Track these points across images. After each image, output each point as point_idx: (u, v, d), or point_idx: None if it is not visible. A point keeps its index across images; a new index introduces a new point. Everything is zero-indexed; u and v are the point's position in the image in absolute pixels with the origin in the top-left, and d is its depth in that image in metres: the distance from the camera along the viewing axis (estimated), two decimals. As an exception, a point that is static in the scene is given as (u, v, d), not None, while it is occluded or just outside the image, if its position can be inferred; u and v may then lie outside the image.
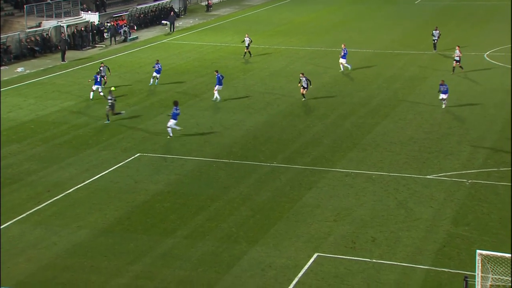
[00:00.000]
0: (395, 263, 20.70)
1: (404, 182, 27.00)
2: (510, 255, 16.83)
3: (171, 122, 32.44)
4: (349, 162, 29.28)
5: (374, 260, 20.83)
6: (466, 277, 16.36)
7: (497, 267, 17.34)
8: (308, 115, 36.45)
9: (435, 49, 50.51)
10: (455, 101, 38.39)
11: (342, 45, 45.78)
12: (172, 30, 61.71)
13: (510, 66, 45.73)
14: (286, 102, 38.93)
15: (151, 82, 42.22)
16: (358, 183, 26.98)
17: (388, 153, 30.44)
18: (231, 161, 29.66)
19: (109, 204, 25.25)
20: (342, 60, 45.01)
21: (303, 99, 38.44)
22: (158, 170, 28.58)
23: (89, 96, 39.22)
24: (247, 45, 49.53)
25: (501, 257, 16.80)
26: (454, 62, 43.73)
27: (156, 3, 68.11)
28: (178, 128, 32.60)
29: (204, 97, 40.20)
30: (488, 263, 17.00)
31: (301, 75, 38.46)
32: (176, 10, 68.25)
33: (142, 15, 64.65)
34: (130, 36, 58.23)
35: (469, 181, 26.78)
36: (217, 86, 38.53)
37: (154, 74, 42.30)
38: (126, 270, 20.49)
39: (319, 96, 39.69)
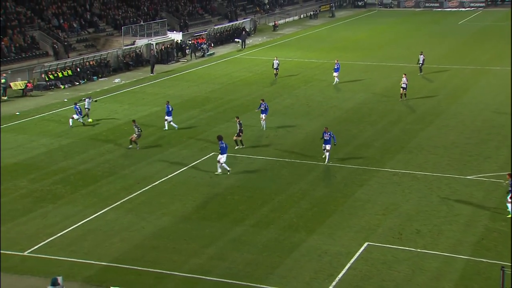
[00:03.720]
0: (438, 252, 20.15)
1: (446, 181, 26.26)
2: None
3: (221, 158, 27.46)
4: (396, 163, 28.71)
5: (419, 250, 20.35)
6: (503, 267, 15.78)
7: (531, 259, 16.66)
8: (360, 121, 35.95)
9: (420, 71, 46.09)
10: (493, 110, 37.10)
11: (336, 60, 45.06)
12: (243, 46, 62.12)
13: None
14: (341, 110, 38.54)
15: (166, 127, 34.37)
16: (404, 182, 26.42)
17: (432, 155, 29.67)
18: (292, 160, 29.59)
19: (188, 195, 25.60)
20: (335, 74, 44.26)
21: (237, 146, 30.51)
22: (230, 167, 28.78)
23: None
24: (276, 67, 46.12)
25: (535, 250, 16.11)
26: (401, 89, 39.12)
27: (230, 23, 68.76)
28: (226, 168, 27.49)
29: (270, 104, 40.10)
30: (523, 256, 16.35)
31: (236, 119, 31.28)
32: (247, 30, 68.67)
33: (218, 34, 65.38)
34: (208, 52, 58.97)
35: (506, 181, 25.74)
36: (263, 115, 33.65)
37: (166, 117, 34.16)
38: (202, 252, 20.73)
39: (371, 104, 39.09)
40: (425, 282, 18.37)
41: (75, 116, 35.38)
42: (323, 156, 28.82)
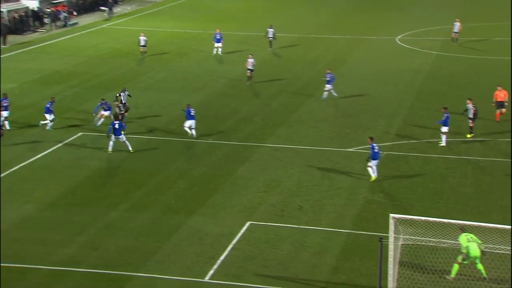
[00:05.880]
0: (320, 228, 21.15)
1: (327, 155, 27.51)
2: (418, 217, 17.44)
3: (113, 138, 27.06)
4: (278, 138, 29.57)
5: (301, 226, 21.22)
6: (381, 238, 16.88)
7: (407, 228, 17.98)
8: (240, 95, 36.46)
9: (270, 47, 46.15)
10: (370, 80, 39.25)
11: (217, 30, 45.33)
12: (110, 15, 60.20)
13: (418, 49, 47.01)
14: (220, 83, 38.83)
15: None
16: (286, 157, 27.31)
17: (313, 129, 30.89)
18: (168, 138, 29.43)
19: (53, 180, 24.70)
20: (218, 44, 44.69)
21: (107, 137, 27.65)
22: (101, 147, 28.07)
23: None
24: (143, 44, 43.90)
25: (410, 219, 17.40)
26: (248, 71, 37.56)
27: (95, -11, 66.19)
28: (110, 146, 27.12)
29: (142, 79, 39.63)
30: (400, 225, 17.58)
31: (115, 103, 30.23)
32: (114, -4, 66.50)
33: (81, 1, 62.70)
34: (69, 22, 56.45)
35: (384, 152, 27.48)
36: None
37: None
38: (71, 241, 20.16)
39: (250, 77, 39.69)
40: (308, 259, 19.24)
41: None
42: (189, 135, 28.94)
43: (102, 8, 62.06)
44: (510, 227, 16.79)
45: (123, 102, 31.59)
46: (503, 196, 23.31)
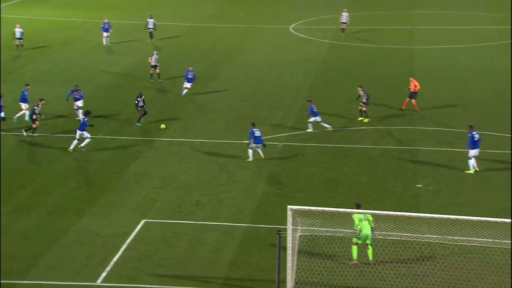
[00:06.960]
0: (218, 223, 21.28)
1: (224, 147, 27.69)
2: (316, 208, 17.98)
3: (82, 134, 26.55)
4: (173, 132, 29.40)
5: (199, 222, 21.25)
6: (279, 231, 17.25)
7: (305, 219, 18.47)
8: (130, 87, 35.80)
9: (151, 38, 45.61)
10: (266, 71, 39.89)
11: (106, 19, 44.79)
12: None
13: (312, 38, 48.26)
14: (109, 75, 37.98)
15: None
16: (182, 151, 27.22)
17: (209, 121, 30.99)
18: (53, 135, 28.45)
19: None
20: (106, 33, 44.22)
21: (27, 133, 27.92)
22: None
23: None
24: (19, 36, 42.28)
25: (308, 210, 17.89)
26: (153, 68, 36.79)
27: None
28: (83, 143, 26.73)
29: (22, 71, 38.04)
30: (298, 217, 18.03)
31: (40, 101, 28.67)
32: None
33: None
34: None
35: (281, 143, 28.09)
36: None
37: None
38: None
39: (139, 70, 39.07)
40: (206, 255, 19.31)
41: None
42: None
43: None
44: (400, 213, 17.71)
45: (140, 106, 30.24)
46: (396, 183, 24.53)
